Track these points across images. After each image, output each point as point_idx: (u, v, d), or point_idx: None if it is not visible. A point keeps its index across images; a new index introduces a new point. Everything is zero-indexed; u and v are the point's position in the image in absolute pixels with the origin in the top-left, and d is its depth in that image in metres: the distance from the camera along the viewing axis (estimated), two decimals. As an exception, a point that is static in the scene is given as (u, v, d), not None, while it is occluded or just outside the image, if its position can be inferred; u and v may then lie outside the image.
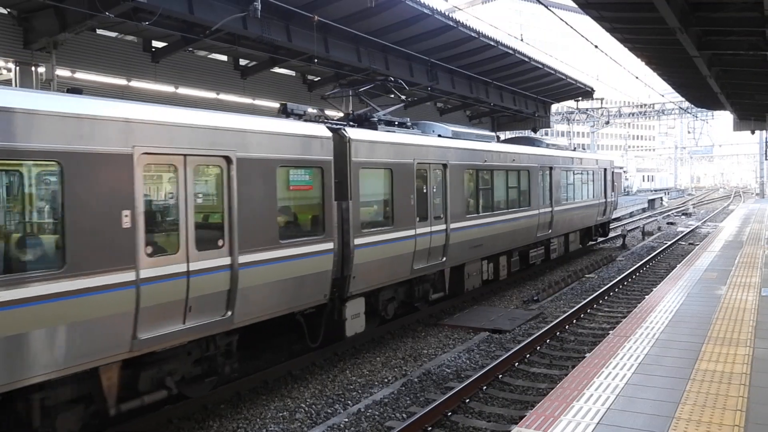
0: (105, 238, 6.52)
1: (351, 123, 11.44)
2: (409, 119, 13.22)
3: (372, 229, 10.87)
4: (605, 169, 25.30)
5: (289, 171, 9.17)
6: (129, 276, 6.67)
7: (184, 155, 7.39)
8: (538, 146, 19.72)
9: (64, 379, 6.40)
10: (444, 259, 13.07)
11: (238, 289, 7.99)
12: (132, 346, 6.89)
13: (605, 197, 25.26)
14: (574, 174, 21.52)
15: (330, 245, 9.80)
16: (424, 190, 12.45)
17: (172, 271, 7.29)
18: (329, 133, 9.90)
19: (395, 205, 11.45)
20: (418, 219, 12.09)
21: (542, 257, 19.11)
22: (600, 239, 26.98)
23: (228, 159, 7.97)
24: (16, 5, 12.41)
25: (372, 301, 11.48)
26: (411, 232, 11.88)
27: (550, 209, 18.98)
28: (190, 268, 7.43)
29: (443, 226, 13.01)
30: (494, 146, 15.84)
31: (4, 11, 12.57)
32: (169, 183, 7.46)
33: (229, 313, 8.00)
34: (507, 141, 21.02)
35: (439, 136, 13.85)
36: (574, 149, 24.19)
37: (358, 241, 10.43)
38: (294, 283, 9.15)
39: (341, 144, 10.25)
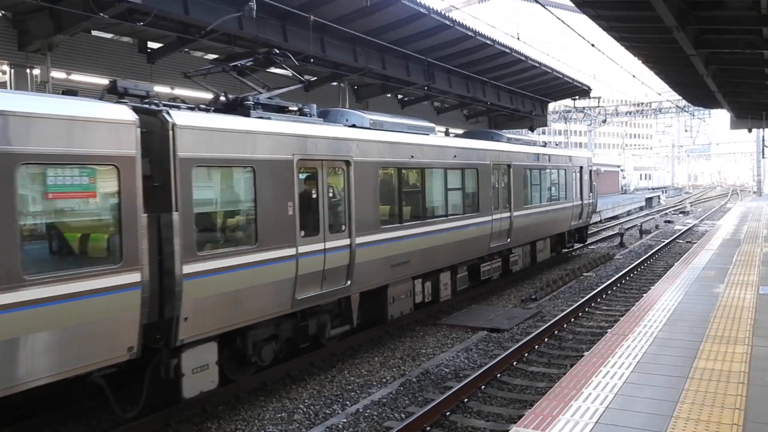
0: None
1: (215, 108, 9.02)
2: (314, 106, 10.86)
3: (220, 251, 8.12)
4: (581, 167, 22.46)
5: (46, 172, 6.40)
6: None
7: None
8: (498, 140, 17.21)
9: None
10: (348, 282, 10.26)
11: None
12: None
13: (581, 199, 22.39)
14: (540, 173, 18.88)
15: (133, 277, 6.99)
16: (314, 195, 9.73)
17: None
18: (131, 116, 7.08)
19: (261, 216, 8.57)
20: (302, 233, 9.29)
21: (499, 271, 16.23)
22: (577, 246, 24.42)
23: None
24: (10, 7, 12.37)
25: (237, 344, 8.78)
26: (290, 251, 9.02)
27: (508, 215, 16.23)
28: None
29: (345, 241, 10.19)
30: (427, 140, 12.91)
31: (-1, 13, 12.53)
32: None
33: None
34: (460, 135, 18.49)
35: (354, 126, 11.33)
36: (545, 145, 21.26)
37: (191, 268, 7.59)
38: (58, 336, 6.35)
39: (160, 132, 7.47)
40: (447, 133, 18.66)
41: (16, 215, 6.01)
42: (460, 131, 24.91)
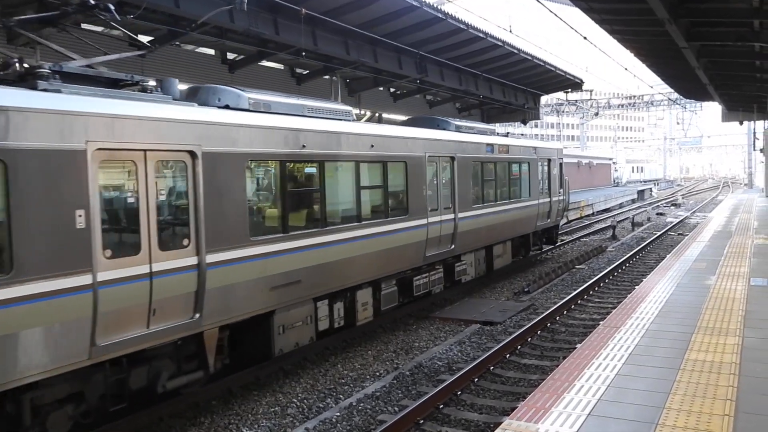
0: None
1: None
2: (175, 81, 8.60)
3: None
4: (549, 160, 19.99)
5: None
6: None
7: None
8: (444, 128, 14.96)
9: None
10: (197, 315, 7.72)
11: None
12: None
13: (549, 196, 19.92)
14: (496, 166, 16.40)
15: None
16: (130, 199, 7.18)
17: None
18: None
19: (19, 235, 6.04)
20: (108, 253, 6.79)
21: (441, 283, 13.89)
22: (547, 248, 22.09)
23: None
24: (-1, -1, 12.24)
25: (8, 410, 6.36)
26: (81, 280, 6.49)
27: (451, 217, 13.81)
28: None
29: (190, 260, 7.64)
30: (326, 125, 10.24)
31: (-13, 6, 12.39)
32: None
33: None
34: (403, 123, 16.32)
35: (227, 107, 8.99)
36: (507, 134, 19.41)
37: None
38: None
39: None
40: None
41: None
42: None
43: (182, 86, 9.23)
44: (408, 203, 12.28)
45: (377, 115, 24.76)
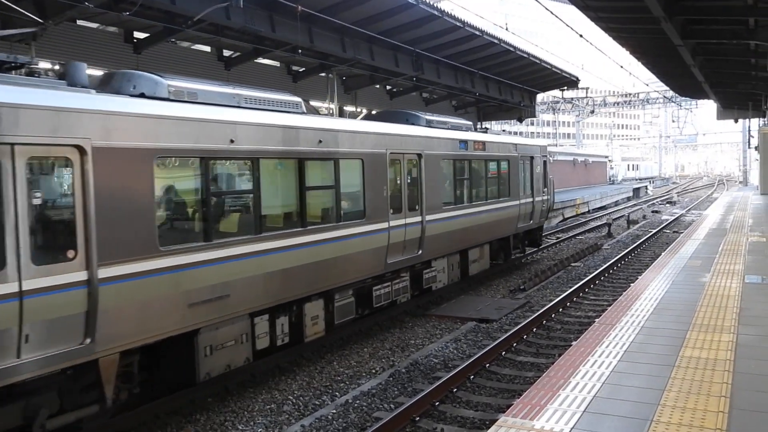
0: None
1: None
2: (82, 66, 7.32)
3: None
4: (531, 158, 18.80)
5: None
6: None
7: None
8: (414, 123, 13.83)
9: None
10: (88, 340, 6.57)
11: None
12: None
13: (531, 196, 18.75)
14: (471, 165, 15.21)
15: None
16: None
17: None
18: None
19: None
20: None
21: (407, 293, 12.83)
22: (531, 250, 20.81)
23: None
24: (-7, -4, 12.18)
25: None
26: None
27: (418, 219, 12.63)
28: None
29: (74, 276, 6.46)
30: (261, 117, 8.95)
31: (-18, 2, 12.32)
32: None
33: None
34: (369, 117, 15.56)
35: (142, 95, 7.86)
36: (486, 131, 18.40)
37: None
38: None
39: None
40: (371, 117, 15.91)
41: None
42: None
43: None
44: (365, 206, 11.09)
45: (372, 112, 24.68)
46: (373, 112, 17.98)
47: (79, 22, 14.10)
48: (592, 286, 16.01)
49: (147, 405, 8.06)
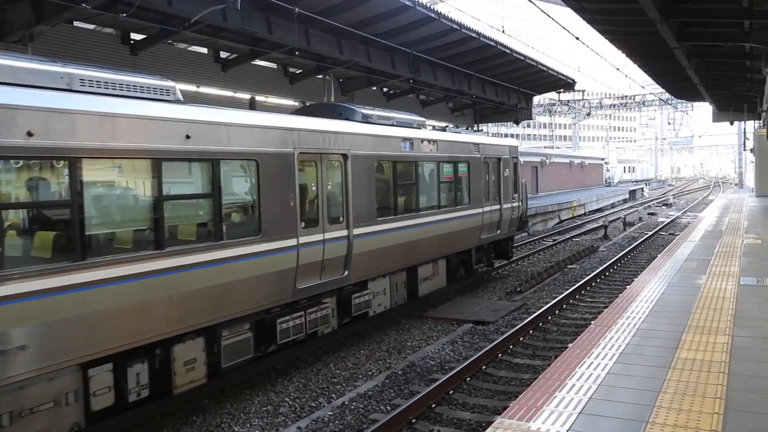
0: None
1: None
2: None
3: None
4: (499, 160, 16.64)
5: None
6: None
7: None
8: (349, 118, 11.89)
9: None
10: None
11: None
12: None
13: (498, 203, 16.51)
14: (418, 167, 12.99)
15: None
16: None
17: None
18: None
19: None
20: None
21: (326, 322, 10.64)
22: (500, 263, 18.59)
23: None
24: (-10, -3, 12.17)
25: None
26: None
27: (344, 233, 10.58)
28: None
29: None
30: (88, 104, 6.83)
31: (-22, 3, 12.30)
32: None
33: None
34: (299, 111, 13.45)
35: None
36: (444, 128, 16.49)
37: None
38: None
39: None
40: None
41: None
42: (444, 124, 24.82)
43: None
44: (260, 219, 8.88)
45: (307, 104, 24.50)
46: (308, 105, 15.86)
47: (76, 24, 14.09)
48: (588, 288, 16.04)
49: (143, 407, 8.03)
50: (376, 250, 11.53)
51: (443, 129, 16.22)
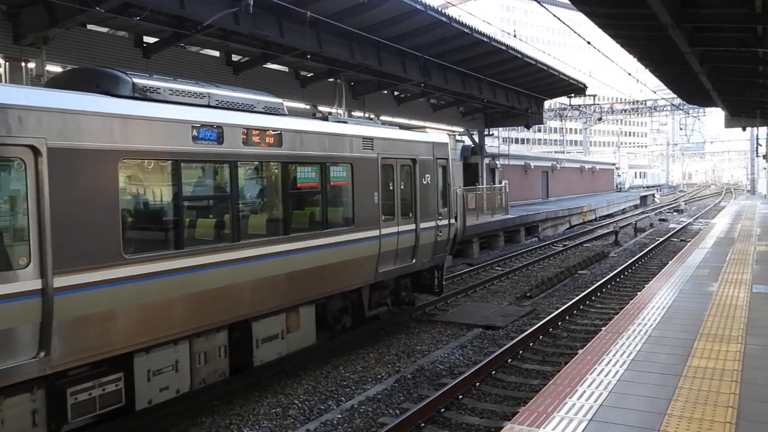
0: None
1: None
2: None
3: None
4: (414, 161, 12.20)
5: None
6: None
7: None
8: (108, 91, 7.26)
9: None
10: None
11: None
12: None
13: (414, 221, 12.13)
14: (233, 171, 8.29)
15: None
16: None
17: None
18: None
19: None
20: None
21: None
22: (423, 302, 14.33)
23: None
24: (4, 0, 12.29)
25: None
26: None
27: (27, 289, 5.90)
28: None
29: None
30: None
31: (-7, 6, 12.43)
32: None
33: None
34: (49, 82, 8.47)
35: None
36: (326, 117, 12.37)
37: None
38: None
39: None
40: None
41: None
42: (458, 129, 24.67)
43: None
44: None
45: (377, 118, 24.70)
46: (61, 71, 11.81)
47: (90, 27, 14.20)
48: (598, 294, 15.96)
49: (150, 406, 8.06)
50: (171, 298, 7.38)
51: (324, 118, 11.77)
